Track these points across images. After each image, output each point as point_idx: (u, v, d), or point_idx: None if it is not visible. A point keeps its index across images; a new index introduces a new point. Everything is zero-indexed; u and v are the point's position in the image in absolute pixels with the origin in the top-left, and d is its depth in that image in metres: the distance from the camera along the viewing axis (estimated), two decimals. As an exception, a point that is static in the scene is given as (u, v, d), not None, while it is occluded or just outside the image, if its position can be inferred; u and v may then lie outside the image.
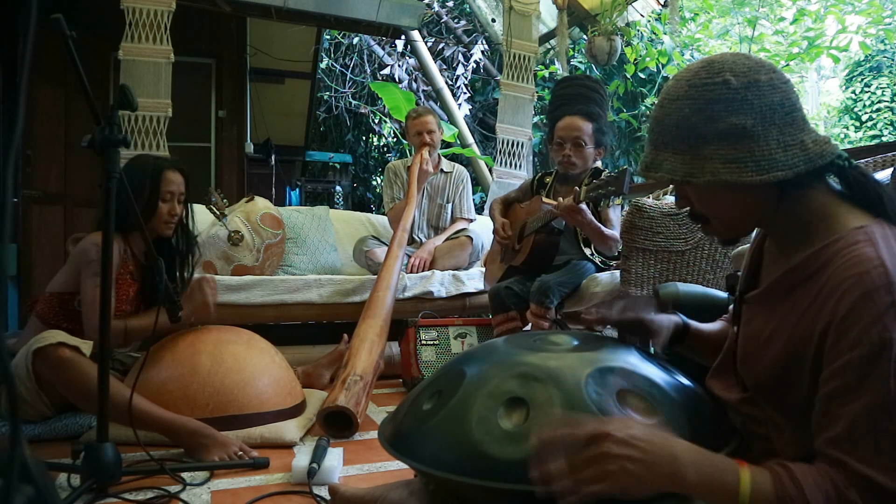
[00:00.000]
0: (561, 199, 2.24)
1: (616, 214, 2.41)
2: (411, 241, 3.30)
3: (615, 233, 2.33)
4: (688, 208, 0.95)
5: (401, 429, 0.99)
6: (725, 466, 0.76)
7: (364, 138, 8.60)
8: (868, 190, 0.85)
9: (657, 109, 0.92)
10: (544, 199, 2.47)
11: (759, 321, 0.93)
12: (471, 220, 3.42)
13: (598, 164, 2.56)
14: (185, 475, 1.52)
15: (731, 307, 1.12)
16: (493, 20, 5.55)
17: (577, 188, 2.19)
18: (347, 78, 7.66)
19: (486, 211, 3.60)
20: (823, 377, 0.79)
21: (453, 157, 5.11)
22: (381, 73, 7.41)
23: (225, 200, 2.97)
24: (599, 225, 2.29)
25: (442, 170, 3.38)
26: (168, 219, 2.02)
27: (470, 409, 0.90)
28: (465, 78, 7.08)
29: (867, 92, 9.40)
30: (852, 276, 0.76)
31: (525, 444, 0.83)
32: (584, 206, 2.18)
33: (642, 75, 6.15)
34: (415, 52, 5.83)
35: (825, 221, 0.85)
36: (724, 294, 1.43)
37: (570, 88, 2.59)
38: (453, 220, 3.40)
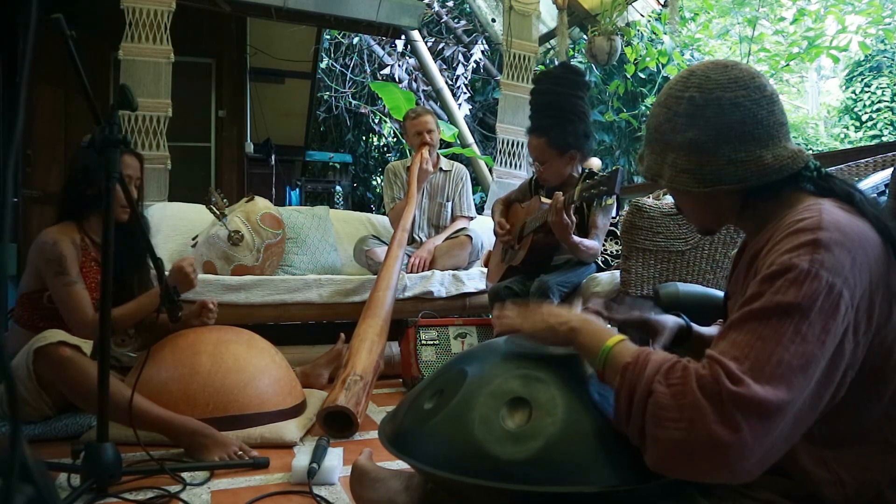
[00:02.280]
0: (560, 194, 2.23)
1: (604, 222, 2.39)
2: (411, 241, 3.30)
3: (595, 244, 2.32)
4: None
5: (401, 428, 0.99)
6: (607, 331, 0.89)
7: (364, 138, 8.61)
8: (836, 191, 0.88)
9: (651, 109, 1.00)
10: (543, 199, 2.47)
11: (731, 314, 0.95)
12: (471, 218, 3.42)
13: (597, 161, 2.55)
14: (185, 475, 1.52)
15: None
16: (493, 20, 5.56)
17: (569, 191, 2.18)
18: (347, 78, 7.66)
19: (486, 211, 3.60)
20: None
21: (453, 157, 5.11)
22: (381, 73, 7.41)
23: (225, 200, 2.97)
24: (577, 240, 2.24)
25: (441, 168, 3.38)
26: (125, 203, 1.95)
27: (472, 409, 0.89)
28: (465, 78, 7.08)
29: (867, 92, 9.40)
30: (788, 224, 0.83)
31: (528, 445, 0.83)
32: (566, 217, 2.16)
33: (642, 75, 6.14)
34: (415, 52, 5.83)
35: (791, 207, 0.89)
36: (723, 294, 1.43)
37: (532, 100, 2.55)
38: (453, 219, 3.40)
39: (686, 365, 0.76)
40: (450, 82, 6.86)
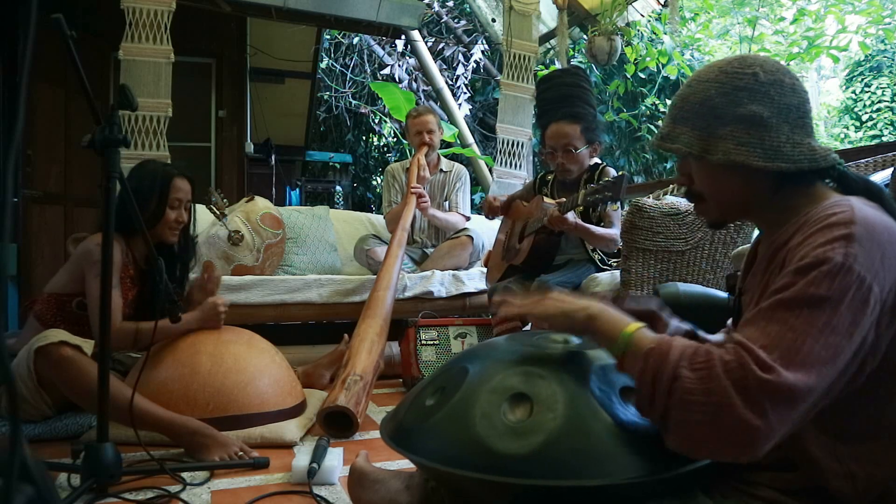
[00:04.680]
0: (562, 200, 2.24)
1: (616, 212, 2.41)
2: (411, 242, 3.30)
3: (612, 231, 2.32)
4: (686, 188, 1.02)
5: (403, 424, 0.99)
6: (625, 318, 0.88)
7: (364, 138, 8.61)
8: (860, 189, 0.89)
9: (684, 88, 0.98)
10: (545, 199, 2.47)
11: (750, 307, 0.95)
12: (467, 218, 3.42)
13: (597, 159, 2.56)
14: (185, 475, 1.52)
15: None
16: (493, 20, 5.55)
17: (574, 194, 2.19)
18: (347, 78, 7.66)
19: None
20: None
21: (453, 157, 5.11)
22: (381, 73, 7.41)
23: (225, 200, 2.97)
24: (587, 226, 2.28)
25: (441, 169, 3.39)
26: (174, 226, 2.04)
27: (473, 405, 0.90)
28: (465, 78, 7.08)
29: (867, 92, 9.41)
30: (820, 218, 0.83)
31: (529, 440, 0.83)
32: (569, 214, 2.18)
33: (642, 75, 6.15)
34: (415, 52, 5.83)
35: (814, 203, 0.90)
36: (724, 294, 1.43)
37: (550, 91, 2.54)
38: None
39: (710, 349, 0.77)
40: (450, 82, 6.86)
